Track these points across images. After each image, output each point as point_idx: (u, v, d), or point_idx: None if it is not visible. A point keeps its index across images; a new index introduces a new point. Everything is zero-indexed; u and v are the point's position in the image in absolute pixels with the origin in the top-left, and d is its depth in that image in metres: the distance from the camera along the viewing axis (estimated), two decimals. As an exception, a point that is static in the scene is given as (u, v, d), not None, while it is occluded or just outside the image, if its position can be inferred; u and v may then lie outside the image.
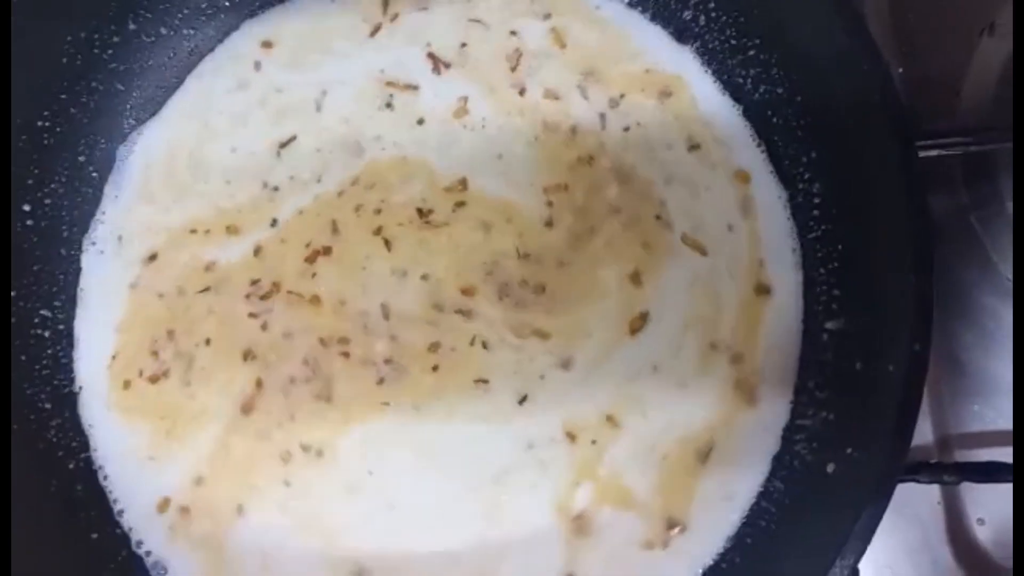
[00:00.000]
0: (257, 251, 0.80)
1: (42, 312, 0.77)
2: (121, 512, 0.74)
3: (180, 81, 0.85)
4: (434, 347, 0.76)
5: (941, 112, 0.85)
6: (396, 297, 0.77)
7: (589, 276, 0.77)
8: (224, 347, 0.78)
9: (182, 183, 0.82)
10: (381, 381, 0.75)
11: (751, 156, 0.79)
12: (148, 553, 0.73)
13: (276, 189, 0.81)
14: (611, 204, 0.78)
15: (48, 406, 0.75)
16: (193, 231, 0.81)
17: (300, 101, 0.84)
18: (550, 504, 0.72)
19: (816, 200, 0.75)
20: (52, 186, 0.79)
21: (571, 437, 0.73)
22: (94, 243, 0.81)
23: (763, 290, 0.76)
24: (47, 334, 0.77)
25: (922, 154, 0.75)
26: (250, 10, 0.87)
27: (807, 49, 0.72)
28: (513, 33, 0.84)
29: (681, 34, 0.83)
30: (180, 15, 0.85)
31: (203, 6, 0.85)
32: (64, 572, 0.70)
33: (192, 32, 0.85)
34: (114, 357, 0.78)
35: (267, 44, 0.86)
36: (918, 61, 0.86)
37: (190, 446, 0.75)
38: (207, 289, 0.79)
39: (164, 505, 0.74)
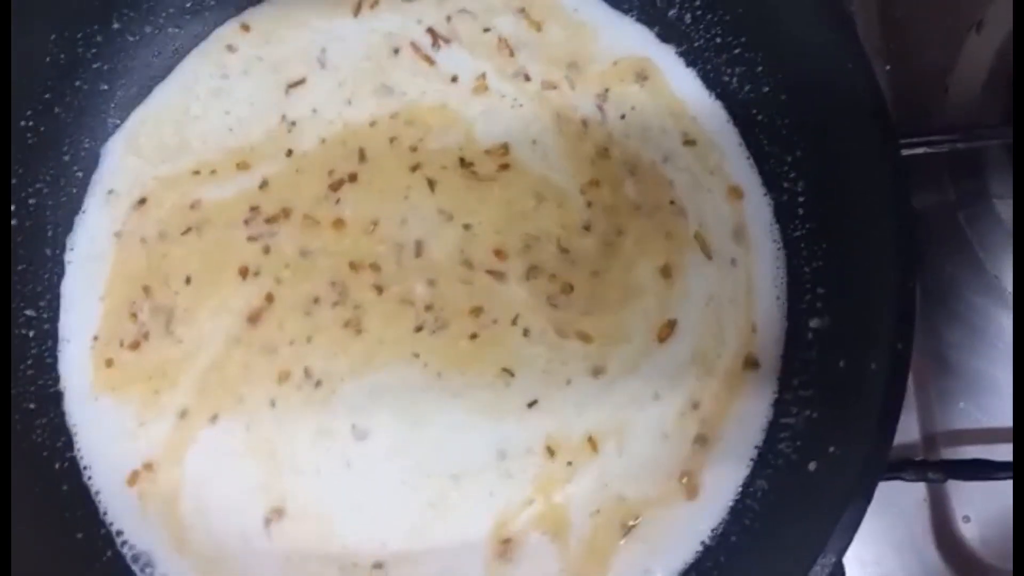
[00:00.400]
0: (263, 184, 0.79)
1: (27, 312, 0.77)
2: (105, 512, 0.74)
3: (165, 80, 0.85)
4: (476, 311, 0.75)
5: (929, 109, 0.85)
6: (434, 238, 0.76)
7: (624, 280, 0.76)
8: (209, 277, 0.77)
9: (172, 144, 0.81)
10: (419, 328, 0.74)
11: (741, 165, 0.79)
12: (133, 550, 0.73)
13: (294, 123, 0.80)
14: (632, 201, 0.78)
15: (33, 406, 0.75)
16: (196, 172, 0.80)
17: (299, 53, 0.82)
18: (492, 517, 0.71)
19: (800, 199, 0.75)
20: (37, 186, 0.79)
21: (550, 452, 0.72)
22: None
23: (751, 364, 0.75)
24: (32, 334, 0.77)
25: (909, 152, 0.75)
26: (236, 7, 0.86)
27: (792, 47, 0.72)
28: (487, 30, 0.83)
29: (667, 34, 0.82)
30: (165, 13, 0.84)
31: (187, 4, 0.85)
32: (50, 573, 0.70)
33: (177, 30, 0.85)
34: (96, 337, 0.78)
35: (245, 27, 0.84)
36: (906, 58, 0.86)
37: (180, 387, 0.75)
38: (189, 230, 0.78)
39: (134, 478, 0.74)
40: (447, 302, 0.75)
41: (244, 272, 0.77)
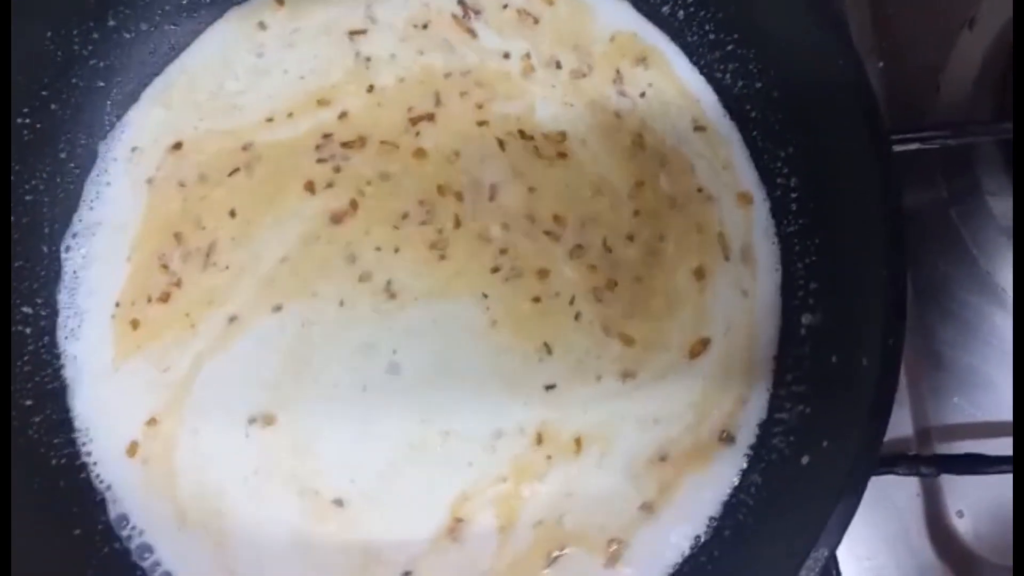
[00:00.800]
0: (343, 115, 0.80)
1: (23, 309, 0.77)
2: (104, 502, 0.73)
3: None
4: (543, 275, 0.76)
5: (922, 106, 0.86)
6: (506, 187, 0.78)
7: (665, 287, 0.77)
8: (263, 203, 0.78)
9: (218, 107, 0.81)
10: (496, 270, 0.76)
11: (742, 161, 0.80)
12: (132, 540, 0.73)
13: (369, 59, 0.81)
14: (668, 195, 0.78)
15: (29, 403, 0.75)
16: (270, 120, 0.80)
17: (346, 16, 0.83)
18: (460, 486, 0.72)
19: (793, 195, 0.75)
20: (33, 183, 0.79)
21: (539, 440, 0.73)
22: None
23: (727, 439, 0.74)
24: (28, 331, 0.77)
25: (901, 148, 0.75)
26: (234, 2, 0.86)
27: (784, 44, 0.72)
28: (505, 6, 0.84)
29: (661, 28, 0.83)
30: (160, 11, 0.84)
31: (183, 2, 0.85)
32: (48, 569, 0.70)
33: (173, 28, 0.85)
34: (118, 304, 0.77)
35: (280, 1, 0.85)
36: (899, 56, 0.86)
37: (231, 302, 0.75)
38: (236, 171, 0.79)
39: (134, 448, 0.74)
40: (519, 252, 0.76)
41: (311, 186, 0.78)
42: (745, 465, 0.73)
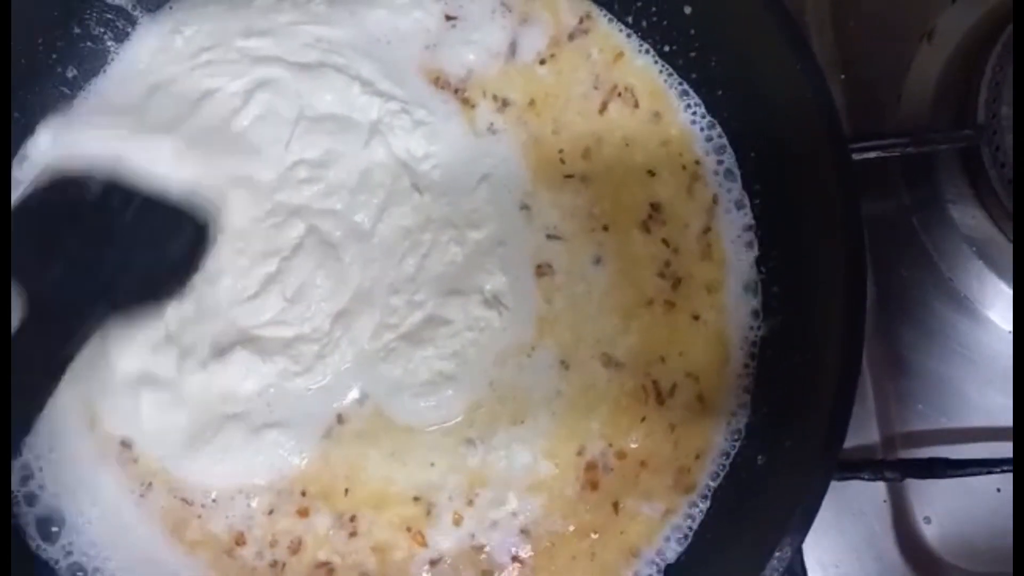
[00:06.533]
0: None
1: None
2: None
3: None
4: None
5: (883, 116, 0.87)
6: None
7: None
8: None
9: None
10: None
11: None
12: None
13: None
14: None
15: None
16: None
17: None
18: None
19: (756, 200, 0.76)
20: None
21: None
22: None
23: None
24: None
25: (861, 156, 0.77)
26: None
27: (743, 50, 0.73)
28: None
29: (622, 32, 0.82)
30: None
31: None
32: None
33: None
34: None
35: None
36: (859, 67, 0.88)
37: None
38: None
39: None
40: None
41: None
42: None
